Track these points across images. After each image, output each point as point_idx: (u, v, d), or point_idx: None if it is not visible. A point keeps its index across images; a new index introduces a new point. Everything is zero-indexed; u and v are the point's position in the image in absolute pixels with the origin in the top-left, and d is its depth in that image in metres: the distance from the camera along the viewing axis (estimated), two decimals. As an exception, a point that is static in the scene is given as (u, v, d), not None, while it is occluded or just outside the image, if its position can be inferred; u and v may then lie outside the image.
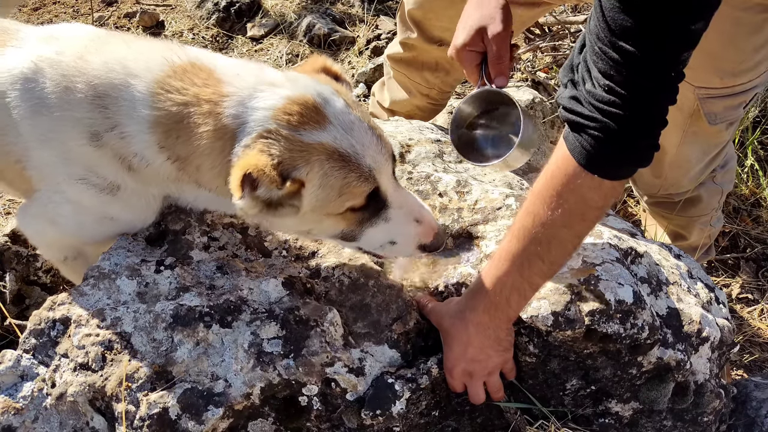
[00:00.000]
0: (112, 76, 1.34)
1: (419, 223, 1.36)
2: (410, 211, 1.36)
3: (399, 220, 1.35)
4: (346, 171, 1.26)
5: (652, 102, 1.17)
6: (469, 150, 1.58)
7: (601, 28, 1.14)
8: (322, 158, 1.24)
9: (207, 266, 1.48)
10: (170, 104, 1.30)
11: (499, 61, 1.48)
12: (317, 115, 1.25)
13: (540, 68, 3.04)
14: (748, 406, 1.63)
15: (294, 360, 1.33)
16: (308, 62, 1.41)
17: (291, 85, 1.29)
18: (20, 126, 1.42)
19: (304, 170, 1.24)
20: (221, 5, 3.46)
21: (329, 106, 1.27)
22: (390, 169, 1.33)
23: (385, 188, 1.32)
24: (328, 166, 1.25)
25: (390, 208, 1.34)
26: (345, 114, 1.27)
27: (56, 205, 1.49)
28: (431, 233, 1.37)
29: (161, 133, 1.32)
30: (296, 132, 1.23)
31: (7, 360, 1.38)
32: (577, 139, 1.20)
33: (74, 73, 1.36)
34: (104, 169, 1.41)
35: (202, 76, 1.31)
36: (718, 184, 2.13)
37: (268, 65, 1.40)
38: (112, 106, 1.34)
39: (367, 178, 1.28)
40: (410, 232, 1.37)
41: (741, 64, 1.71)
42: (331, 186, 1.26)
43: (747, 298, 2.48)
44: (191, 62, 1.34)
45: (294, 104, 1.25)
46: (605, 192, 1.24)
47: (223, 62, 1.36)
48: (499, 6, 1.51)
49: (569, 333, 1.38)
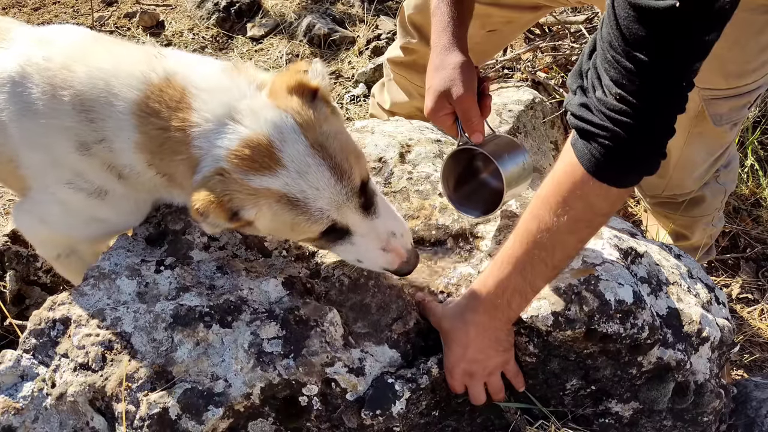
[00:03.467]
0: (96, 92, 1.35)
1: (387, 251, 1.37)
2: (376, 239, 1.36)
3: (363, 247, 1.36)
4: (295, 214, 1.26)
5: (662, 112, 1.16)
6: (466, 200, 1.56)
7: (614, 36, 1.13)
8: (270, 201, 1.25)
9: (207, 266, 1.48)
10: (151, 128, 1.31)
11: (468, 123, 1.48)
12: (269, 160, 1.24)
13: (540, 68, 3.03)
14: (748, 406, 1.63)
15: (294, 360, 1.33)
16: (289, 73, 1.33)
17: (252, 122, 1.26)
18: (9, 128, 1.43)
19: (252, 211, 1.26)
20: (221, 5, 3.46)
21: (286, 147, 1.24)
22: (353, 203, 1.30)
23: (345, 222, 1.31)
24: (276, 208, 1.26)
25: (354, 235, 1.34)
26: (301, 157, 1.24)
27: (46, 204, 1.50)
28: (397, 261, 1.38)
29: (147, 153, 1.34)
30: (245, 176, 1.24)
31: (7, 360, 1.38)
32: (586, 147, 1.20)
33: (61, 83, 1.37)
34: (92, 176, 1.42)
35: (176, 98, 1.30)
36: (722, 183, 2.13)
37: (251, 70, 1.36)
38: (99, 122, 1.36)
39: (318, 219, 1.28)
40: (376, 260, 1.39)
41: (746, 64, 1.71)
42: (282, 222, 1.28)
43: (747, 298, 2.48)
44: (167, 78, 1.32)
45: (247, 147, 1.24)
46: (612, 199, 1.25)
47: (198, 77, 1.33)
48: (457, 66, 1.49)
49: (569, 333, 1.38)
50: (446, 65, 1.50)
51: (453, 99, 1.47)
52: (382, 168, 1.72)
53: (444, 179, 1.54)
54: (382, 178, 1.69)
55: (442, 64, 1.51)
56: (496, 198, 1.50)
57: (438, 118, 1.52)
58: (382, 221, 1.37)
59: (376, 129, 1.85)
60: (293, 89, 1.29)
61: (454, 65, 1.49)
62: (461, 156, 1.53)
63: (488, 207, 1.52)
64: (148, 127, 1.32)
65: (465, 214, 1.55)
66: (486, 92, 1.52)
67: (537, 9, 2.05)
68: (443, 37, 1.54)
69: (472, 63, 1.52)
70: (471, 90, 1.47)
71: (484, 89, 1.52)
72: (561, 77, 2.94)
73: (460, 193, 1.56)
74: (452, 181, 1.55)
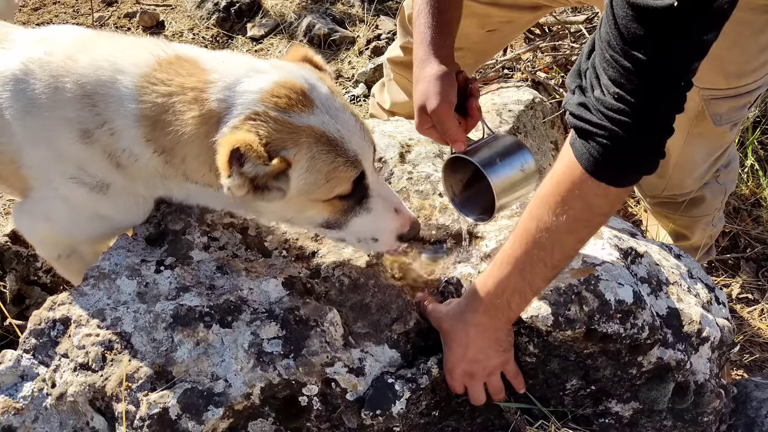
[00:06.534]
0: (99, 73, 1.36)
1: (398, 213, 1.39)
2: (390, 200, 1.39)
3: (380, 211, 1.38)
4: (334, 155, 1.28)
5: (661, 111, 1.16)
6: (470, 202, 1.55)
7: (612, 35, 1.13)
8: (310, 141, 1.26)
9: (207, 266, 1.48)
10: (155, 96, 1.31)
11: (445, 134, 1.47)
12: (305, 99, 1.27)
13: (540, 68, 3.03)
14: (748, 406, 1.63)
15: (294, 360, 1.33)
16: (290, 52, 1.43)
17: (277, 71, 1.30)
18: (12, 126, 1.44)
19: (292, 151, 1.25)
20: (221, 5, 3.46)
21: (315, 91, 1.29)
22: (372, 156, 1.35)
23: (368, 175, 1.34)
24: (315, 150, 1.26)
25: (371, 197, 1.37)
26: (330, 100, 1.30)
27: (49, 202, 1.51)
28: (408, 222, 1.41)
29: (147, 126, 1.33)
30: (285, 114, 1.25)
31: (7, 360, 1.38)
32: (585, 146, 1.20)
33: (63, 72, 1.38)
34: (94, 167, 1.42)
35: (187, 67, 1.32)
36: (722, 183, 2.13)
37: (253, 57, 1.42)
38: (101, 103, 1.36)
39: (354, 163, 1.30)
40: (391, 225, 1.40)
41: (746, 64, 1.71)
42: (318, 170, 1.28)
43: (747, 298, 2.48)
44: (177, 55, 1.35)
45: (282, 88, 1.27)
46: (611, 199, 1.25)
47: (208, 54, 1.39)
48: (431, 78, 1.47)
49: (569, 333, 1.38)
50: (421, 78, 1.49)
51: (429, 112, 1.47)
52: (382, 168, 1.72)
53: (446, 183, 1.54)
54: (382, 178, 1.69)
55: (418, 77, 1.50)
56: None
57: (424, 132, 1.52)
58: (384, 182, 1.41)
59: (376, 129, 1.85)
60: (302, 59, 1.38)
61: (428, 78, 1.48)
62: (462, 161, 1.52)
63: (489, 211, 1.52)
64: (151, 96, 1.32)
65: (466, 217, 1.55)
66: (472, 94, 1.49)
67: (537, 9, 2.05)
68: (420, 50, 1.53)
69: (450, 70, 1.48)
70: (446, 101, 1.45)
71: (470, 91, 1.50)
72: (561, 77, 2.94)
73: (465, 196, 1.55)
74: (458, 183, 1.55)
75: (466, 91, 1.49)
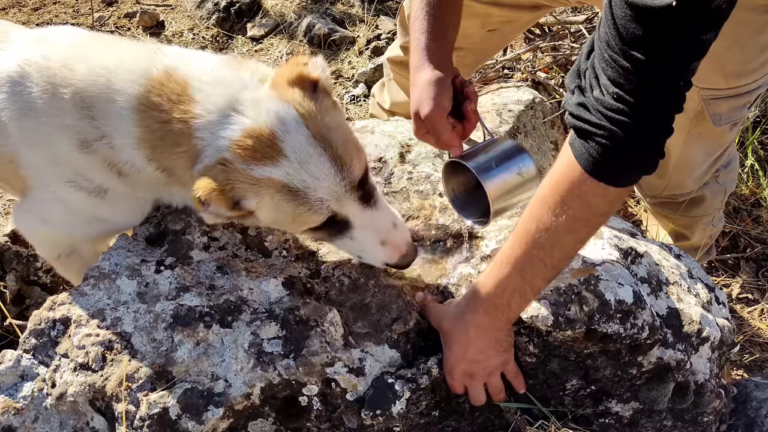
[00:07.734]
0: (96, 88, 1.35)
1: (386, 244, 1.38)
2: (375, 232, 1.37)
3: (363, 241, 1.38)
4: (296, 204, 1.28)
5: (660, 111, 1.16)
6: (470, 204, 1.55)
7: (611, 35, 1.13)
8: (272, 191, 1.26)
9: (207, 266, 1.48)
10: (152, 122, 1.32)
11: (439, 140, 1.47)
12: (271, 150, 1.25)
13: (540, 68, 3.03)
14: (748, 406, 1.63)
15: (294, 360, 1.33)
16: (289, 66, 1.34)
17: (254, 113, 1.27)
18: (9, 128, 1.44)
19: (254, 200, 1.27)
20: (221, 5, 3.46)
21: (288, 138, 1.25)
22: (353, 195, 1.32)
23: (345, 214, 1.33)
24: (278, 198, 1.27)
25: (354, 228, 1.36)
26: (302, 147, 1.26)
27: (46, 204, 1.51)
28: (397, 255, 1.40)
29: (147, 148, 1.35)
30: (247, 166, 1.25)
31: (7, 360, 1.38)
32: (584, 146, 1.20)
33: (60, 81, 1.37)
34: (92, 174, 1.43)
35: (177, 90, 1.31)
36: (722, 183, 2.13)
37: (252, 63, 1.37)
38: (100, 118, 1.36)
39: (318, 209, 1.29)
40: (375, 254, 1.40)
41: (746, 64, 1.70)
42: (284, 212, 1.30)
43: (747, 298, 2.48)
44: (168, 72, 1.33)
45: (249, 138, 1.25)
46: (610, 199, 1.25)
47: (199, 70, 1.34)
48: (425, 84, 1.47)
49: (569, 333, 1.38)
50: (416, 84, 1.49)
51: (423, 119, 1.47)
52: (382, 168, 1.72)
53: (447, 185, 1.53)
54: (382, 178, 1.69)
55: (413, 84, 1.51)
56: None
57: (421, 137, 1.53)
58: (381, 214, 1.38)
59: (376, 129, 1.85)
60: (294, 81, 1.30)
61: (422, 84, 1.47)
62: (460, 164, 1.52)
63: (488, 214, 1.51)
64: (148, 121, 1.32)
65: (465, 218, 1.55)
66: (468, 97, 1.49)
67: (537, 9, 2.05)
68: (414, 56, 1.53)
69: (445, 76, 1.48)
70: (439, 106, 1.45)
71: (467, 94, 1.49)
72: (561, 77, 2.94)
73: (466, 198, 1.55)
74: (460, 185, 1.55)
75: (463, 95, 1.49)
